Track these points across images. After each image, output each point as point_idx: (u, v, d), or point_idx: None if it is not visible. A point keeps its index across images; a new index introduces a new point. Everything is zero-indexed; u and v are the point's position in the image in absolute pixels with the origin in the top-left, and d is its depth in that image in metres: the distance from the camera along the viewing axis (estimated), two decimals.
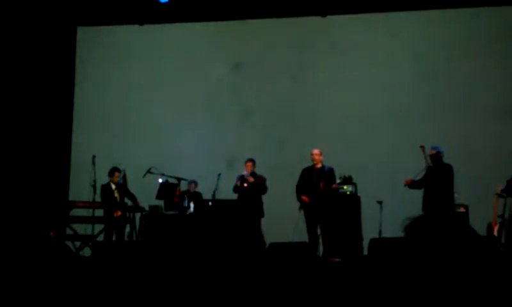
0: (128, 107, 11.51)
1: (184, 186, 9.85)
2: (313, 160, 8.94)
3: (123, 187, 9.53)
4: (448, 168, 8.28)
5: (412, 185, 8.40)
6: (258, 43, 11.34)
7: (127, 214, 9.42)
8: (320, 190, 8.72)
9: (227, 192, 9.35)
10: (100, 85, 11.67)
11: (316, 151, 8.98)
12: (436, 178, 8.22)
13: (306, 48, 11.16)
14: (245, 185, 9.14)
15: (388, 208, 9.07)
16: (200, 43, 11.52)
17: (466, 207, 8.95)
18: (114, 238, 9.26)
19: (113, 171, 9.55)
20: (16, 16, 11.00)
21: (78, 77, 11.78)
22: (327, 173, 8.83)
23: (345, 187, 9.07)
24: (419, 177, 8.42)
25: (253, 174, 9.26)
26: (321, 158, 8.96)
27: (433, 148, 8.42)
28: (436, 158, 8.38)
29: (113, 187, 9.53)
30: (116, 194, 9.51)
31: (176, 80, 11.50)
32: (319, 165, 8.93)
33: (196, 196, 9.77)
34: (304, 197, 8.78)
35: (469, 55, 10.60)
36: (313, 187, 8.78)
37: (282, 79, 11.16)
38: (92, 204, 9.24)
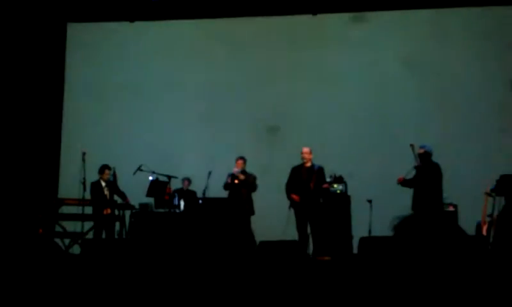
0: (118, 104, 11.47)
1: (177, 184, 9.84)
2: (302, 158, 8.94)
3: (113, 184, 9.50)
4: (436, 167, 8.29)
5: (404, 183, 8.40)
6: (249, 41, 11.34)
7: (117, 212, 9.39)
8: (311, 189, 8.73)
9: (218, 190, 9.34)
10: (90, 82, 11.61)
11: (306, 149, 8.98)
12: (425, 177, 8.23)
13: (297, 47, 11.17)
14: (236, 181, 9.15)
15: (377, 207, 9.09)
16: (191, 41, 11.50)
17: (455, 206, 9.00)
18: (103, 236, 9.23)
19: (103, 168, 9.53)
20: (4, 11, 10.92)
21: (68, 74, 11.72)
22: (317, 172, 8.84)
23: (335, 186, 9.09)
24: (410, 176, 8.45)
25: (243, 172, 9.26)
26: (311, 157, 8.96)
27: (421, 147, 8.43)
28: (424, 157, 8.39)
29: (103, 184, 9.50)
30: (106, 192, 9.48)
31: (167, 77, 11.47)
32: (309, 164, 8.93)
33: (189, 194, 9.76)
34: (294, 196, 8.78)
35: (459, 55, 10.65)
36: (303, 186, 8.78)
37: (273, 77, 11.15)
38: (81, 202, 9.20)
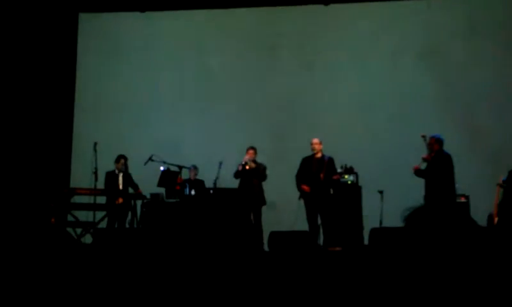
0: (129, 94, 11.49)
1: (185, 175, 9.84)
2: (313, 149, 8.93)
3: (127, 174, 9.57)
4: (448, 158, 8.24)
5: (417, 172, 8.33)
6: (260, 31, 11.31)
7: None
8: (321, 180, 8.71)
9: (228, 181, 9.35)
10: (101, 72, 11.64)
11: (316, 140, 8.96)
12: (436, 168, 8.19)
13: (308, 37, 11.14)
14: (247, 167, 9.12)
15: (389, 198, 9.07)
16: (202, 31, 11.49)
17: (467, 197, 8.96)
18: (116, 226, 9.29)
19: (119, 158, 9.61)
20: (17, 2, 10.96)
21: (79, 64, 11.76)
22: (327, 163, 8.82)
23: (346, 177, 9.07)
24: (424, 164, 8.40)
25: (254, 162, 9.26)
26: (321, 147, 8.95)
27: (432, 137, 8.38)
28: (435, 147, 8.33)
29: (118, 174, 9.57)
30: (120, 181, 9.55)
31: (177, 67, 11.47)
32: (319, 155, 8.91)
33: (197, 184, 9.76)
34: (304, 187, 8.77)
35: (474, 45, 10.57)
36: (313, 177, 8.77)
37: (283, 68, 11.13)
38: (93, 191, 9.25)
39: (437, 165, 8.19)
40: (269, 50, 11.23)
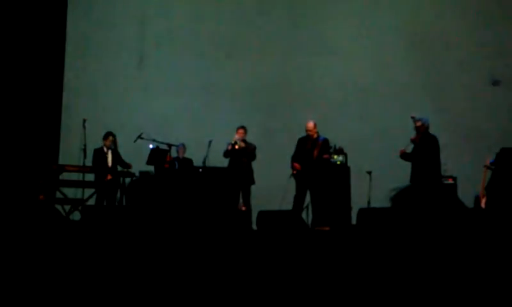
0: (119, 71, 11.40)
1: (173, 153, 9.83)
2: (307, 134, 8.95)
3: (115, 151, 9.54)
4: (434, 140, 8.28)
5: (403, 156, 8.39)
6: (250, 6, 11.25)
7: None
8: (314, 158, 8.75)
9: (218, 160, 9.35)
10: (90, 47, 11.53)
11: (310, 125, 8.93)
12: (422, 150, 8.23)
13: (299, 16, 11.09)
14: (236, 147, 9.13)
15: (377, 179, 9.12)
16: (190, 5, 11.39)
17: (454, 179, 9.02)
18: (104, 203, 9.28)
19: (107, 135, 9.57)
20: None
21: (69, 39, 11.62)
22: (322, 143, 8.85)
23: (335, 157, 9.09)
24: (411, 148, 8.44)
25: (244, 141, 9.27)
26: (316, 130, 8.94)
27: (418, 120, 8.40)
28: (421, 130, 8.36)
29: (106, 151, 9.54)
30: (109, 159, 9.53)
31: (166, 43, 11.39)
32: (315, 136, 8.94)
33: (186, 162, 9.75)
34: (296, 164, 8.80)
35: (462, 25, 10.59)
36: (306, 155, 8.81)
37: (274, 46, 11.09)
38: (82, 168, 9.23)
39: (423, 147, 8.23)
40: (259, 26, 11.16)
